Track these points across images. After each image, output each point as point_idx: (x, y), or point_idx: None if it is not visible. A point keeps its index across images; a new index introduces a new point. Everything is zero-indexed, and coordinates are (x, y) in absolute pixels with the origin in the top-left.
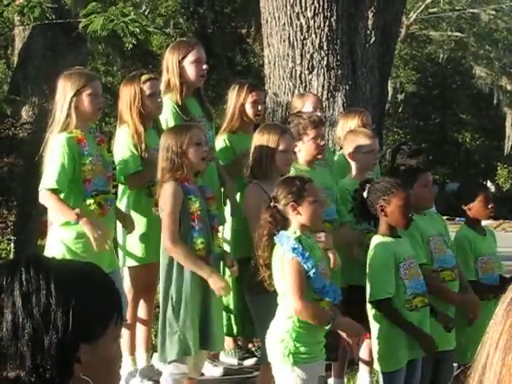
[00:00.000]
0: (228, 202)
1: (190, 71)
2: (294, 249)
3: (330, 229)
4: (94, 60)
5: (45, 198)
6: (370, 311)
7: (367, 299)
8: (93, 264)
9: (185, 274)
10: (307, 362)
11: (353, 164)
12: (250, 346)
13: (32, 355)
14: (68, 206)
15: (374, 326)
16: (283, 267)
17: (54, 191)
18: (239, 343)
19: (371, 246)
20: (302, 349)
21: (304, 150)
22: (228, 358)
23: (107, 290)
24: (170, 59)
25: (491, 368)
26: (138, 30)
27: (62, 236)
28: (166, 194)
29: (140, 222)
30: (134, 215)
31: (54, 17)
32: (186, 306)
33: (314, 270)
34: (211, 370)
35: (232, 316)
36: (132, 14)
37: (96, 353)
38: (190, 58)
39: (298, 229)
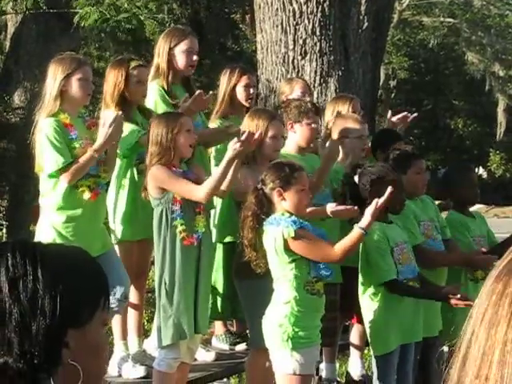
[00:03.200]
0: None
1: (180, 60)
2: (294, 222)
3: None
4: (86, 45)
5: (66, 178)
6: (362, 296)
7: (358, 284)
8: (80, 248)
9: (177, 259)
10: (306, 346)
11: (341, 149)
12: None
13: (19, 341)
14: (82, 159)
15: (366, 311)
16: (283, 248)
17: (68, 167)
18: (229, 328)
19: None
20: (301, 333)
21: (300, 133)
22: (219, 343)
23: (95, 275)
24: (161, 45)
25: (476, 342)
26: (132, 26)
27: (52, 220)
28: (158, 173)
29: (128, 199)
30: (122, 192)
31: (45, 6)
32: (179, 291)
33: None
34: (204, 355)
35: (222, 298)
36: (126, 4)
37: (84, 338)
38: (182, 46)
39: (285, 213)
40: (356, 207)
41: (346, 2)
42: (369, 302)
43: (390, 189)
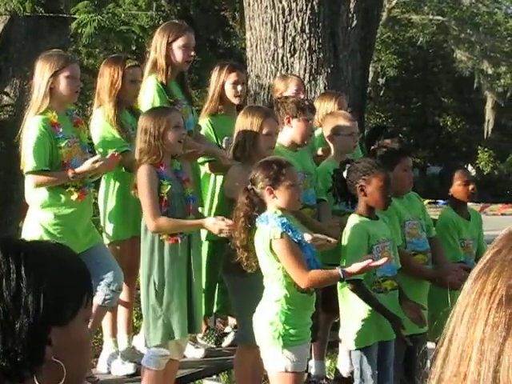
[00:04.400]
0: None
1: (178, 55)
2: (282, 223)
3: (310, 214)
4: (75, 42)
5: (33, 180)
6: (340, 290)
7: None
8: (64, 245)
9: (165, 258)
10: (297, 344)
11: (332, 146)
12: (226, 329)
13: (3, 339)
14: (58, 174)
15: (344, 306)
16: (273, 248)
17: (40, 173)
18: (209, 325)
19: (347, 226)
20: (292, 331)
21: (297, 128)
22: (205, 342)
23: (78, 272)
24: (159, 40)
25: (455, 340)
26: (131, 35)
27: (39, 218)
28: (141, 176)
29: (115, 198)
30: (112, 189)
31: (41, 10)
32: (169, 291)
33: (303, 243)
34: (193, 352)
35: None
36: (123, 15)
37: (67, 335)
38: (180, 42)
39: (278, 210)
40: (333, 241)
41: None
42: (345, 298)
43: (384, 260)
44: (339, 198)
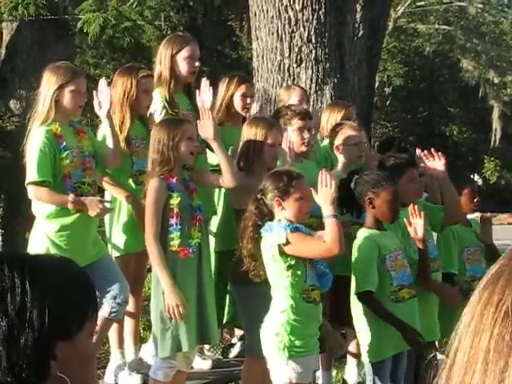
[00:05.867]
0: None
1: (182, 66)
2: (287, 225)
3: (315, 224)
4: (82, 52)
5: (33, 192)
6: (354, 303)
7: (352, 291)
8: (68, 259)
9: (177, 271)
10: (302, 355)
11: (339, 156)
12: (233, 340)
13: (7, 355)
14: (59, 194)
15: (359, 318)
16: (278, 253)
17: (41, 184)
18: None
19: (357, 239)
20: (297, 342)
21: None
22: (211, 354)
23: (83, 286)
24: (163, 52)
25: (461, 350)
26: (136, 34)
27: (45, 229)
28: (150, 190)
29: (126, 210)
30: (121, 205)
31: (46, 13)
32: None
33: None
34: (200, 363)
35: None
36: (128, 13)
37: (72, 350)
38: (184, 53)
39: (285, 221)
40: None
41: (341, 9)
42: (360, 311)
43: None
44: (345, 208)
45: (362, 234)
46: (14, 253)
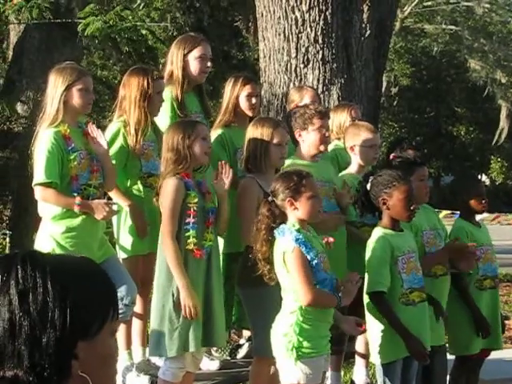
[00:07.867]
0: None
1: (194, 66)
2: (296, 239)
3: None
4: (89, 54)
5: (40, 193)
6: (367, 303)
7: (364, 291)
8: (88, 258)
9: (188, 271)
10: (311, 356)
11: (353, 157)
12: (240, 340)
13: (30, 354)
14: (66, 196)
15: (371, 318)
16: (285, 261)
17: (48, 185)
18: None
19: (372, 238)
20: (306, 343)
21: (308, 140)
22: (219, 354)
23: (104, 286)
24: (175, 52)
25: None
26: (134, 37)
27: (51, 231)
28: (168, 189)
29: None
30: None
31: (50, 16)
32: None
33: (316, 261)
34: (208, 364)
35: None
36: (130, 17)
37: (93, 349)
38: (195, 53)
39: (297, 222)
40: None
41: (348, 10)
42: (372, 311)
43: None
44: (364, 210)
45: (377, 233)
46: (34, 252)
